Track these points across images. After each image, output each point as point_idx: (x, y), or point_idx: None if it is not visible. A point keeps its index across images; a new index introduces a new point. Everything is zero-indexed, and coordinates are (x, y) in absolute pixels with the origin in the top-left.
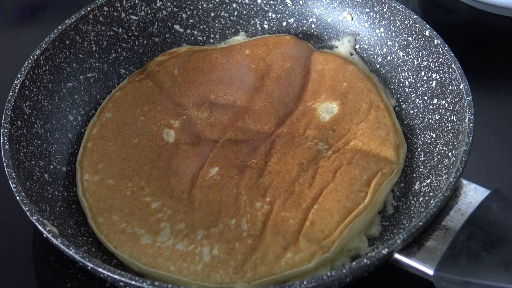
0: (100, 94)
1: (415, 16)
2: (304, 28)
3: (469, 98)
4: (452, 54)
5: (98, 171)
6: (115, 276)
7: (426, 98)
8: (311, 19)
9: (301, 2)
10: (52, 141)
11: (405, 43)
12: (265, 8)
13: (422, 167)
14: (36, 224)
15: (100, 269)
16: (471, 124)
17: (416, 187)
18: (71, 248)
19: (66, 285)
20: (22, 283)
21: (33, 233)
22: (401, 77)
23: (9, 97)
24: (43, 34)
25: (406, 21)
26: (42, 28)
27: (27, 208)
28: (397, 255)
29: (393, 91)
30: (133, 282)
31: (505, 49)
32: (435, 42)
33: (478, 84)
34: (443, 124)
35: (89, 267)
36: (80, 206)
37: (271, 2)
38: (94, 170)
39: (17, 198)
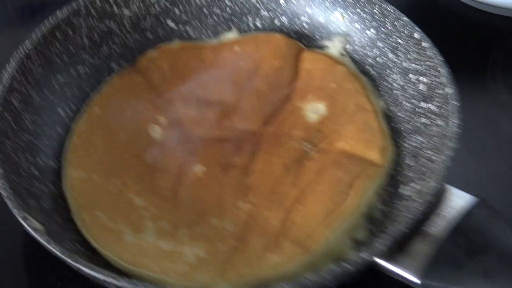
0: (90, 88)
1: (405, 18)
2: (296, 27)
3: (455, 103)
4: (440, 58)
5: (84, 167)
6: (94, 274)
7: (414, 101)
8: (303, 18)
9: (293, 1)
10: (41, 135)
11: (395, 45)
12: (258, 6)
13: (408, 171)
14: (19, 219)
15: (80, 266)
16: (457, 129)
17: (401, 191)
18: (51, 243)
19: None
20: (13, 280)
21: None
22: (390, 79)
23: None
24: None
25: (396, 23)
26: None
27: (11, 203)
28: (379, 261)
29: (382, 93)
30: (110, 280)
31: (506, 49)
32: (424, 45)
33: (476, 86)
34: (430, 128)
35: (69, 264)
36: (67, 202)
37: (264, 0)
38: (80, 166)
39: (2, 192)
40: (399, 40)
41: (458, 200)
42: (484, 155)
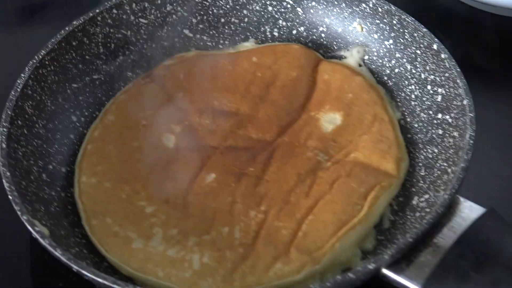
0: (105, 96)
1: (424, 29)
2: (314, 37)
3: (471, 115)
4: (458, 69)
5: (96, 173)
6: (99, 280)
7: (431, 112)
8: (321, 28)
9: (312, 11)
10: (53, 142)
11: (413, 56)
12: (276, 16)
13: (422, 182)
14: (26, 224)
15: (85, 272)
16: (471, 141)
17: (414, 202)
18: (57, 250)
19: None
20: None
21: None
22: (407, 90)
23: (11, 96)
24: (44, 34)
25: (415, 34)
26: (43, 28)
27: (18, 208)
28: (385, 271)
29: (399, 104)
30: (116, 286)
31: (506, 50)
32: (442, 56)
33: (479, 87)
34: (445, 139)
35: (74, 269)
36: (76, 208)
37: (282, 10)
38: (92, 172)
39: (9, 197)
40: (417, 51)
41: (468, 211)
42: (498, 165)
